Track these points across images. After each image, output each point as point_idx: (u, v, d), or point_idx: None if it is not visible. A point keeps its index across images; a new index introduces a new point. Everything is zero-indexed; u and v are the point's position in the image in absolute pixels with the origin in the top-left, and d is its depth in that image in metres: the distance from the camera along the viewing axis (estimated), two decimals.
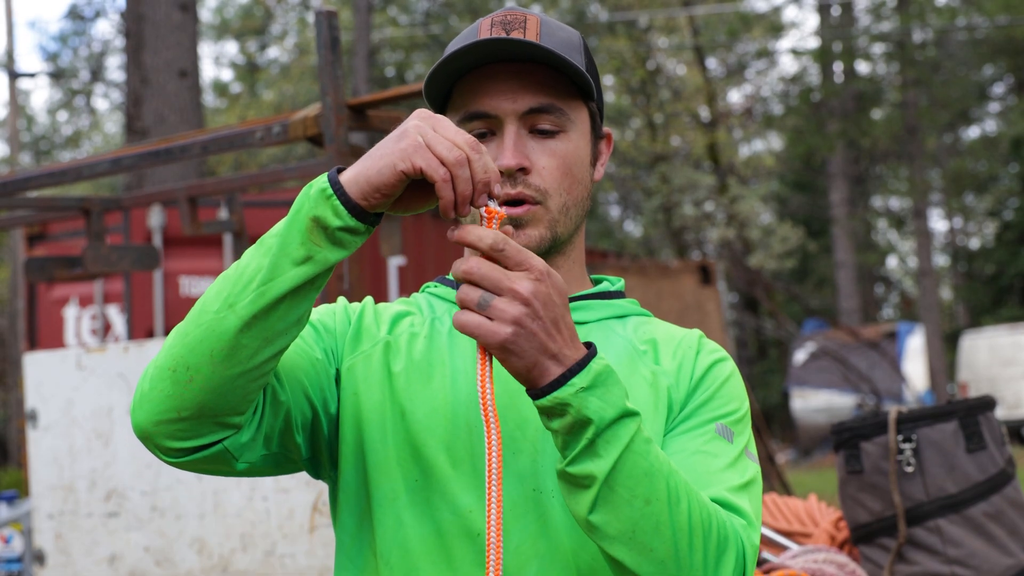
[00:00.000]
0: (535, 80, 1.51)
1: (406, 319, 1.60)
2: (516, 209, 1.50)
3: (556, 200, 1.52)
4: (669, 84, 21.39)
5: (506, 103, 1.50)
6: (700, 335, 1.61)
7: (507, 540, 1.45)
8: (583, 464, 1.33)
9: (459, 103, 1.54)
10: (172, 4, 9.86)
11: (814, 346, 20.27)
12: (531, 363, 1.31)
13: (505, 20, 1.52)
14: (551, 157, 1.52)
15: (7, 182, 4.39)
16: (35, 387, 3.76)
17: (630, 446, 1.33)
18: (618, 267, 9.60)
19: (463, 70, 1.52)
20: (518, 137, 1.51)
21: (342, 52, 4.79)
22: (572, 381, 1.31)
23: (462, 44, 1.50)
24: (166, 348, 1.38)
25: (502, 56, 1.50)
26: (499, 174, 1.35)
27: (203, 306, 1.37)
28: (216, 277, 1.41)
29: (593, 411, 1.31)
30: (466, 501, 1.47)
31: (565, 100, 1.53)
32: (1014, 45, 24.34)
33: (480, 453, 1.48)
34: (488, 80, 1.51)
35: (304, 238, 1.35)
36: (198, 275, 7.87)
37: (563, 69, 1.50)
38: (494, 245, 1.31)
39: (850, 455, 3.07)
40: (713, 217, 19.65)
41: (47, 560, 3.72)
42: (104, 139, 31.76)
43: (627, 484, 1.33)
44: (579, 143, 1.55)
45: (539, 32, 1.51)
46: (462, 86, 1.53)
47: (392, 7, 22.89)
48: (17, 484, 12.99)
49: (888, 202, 33.52)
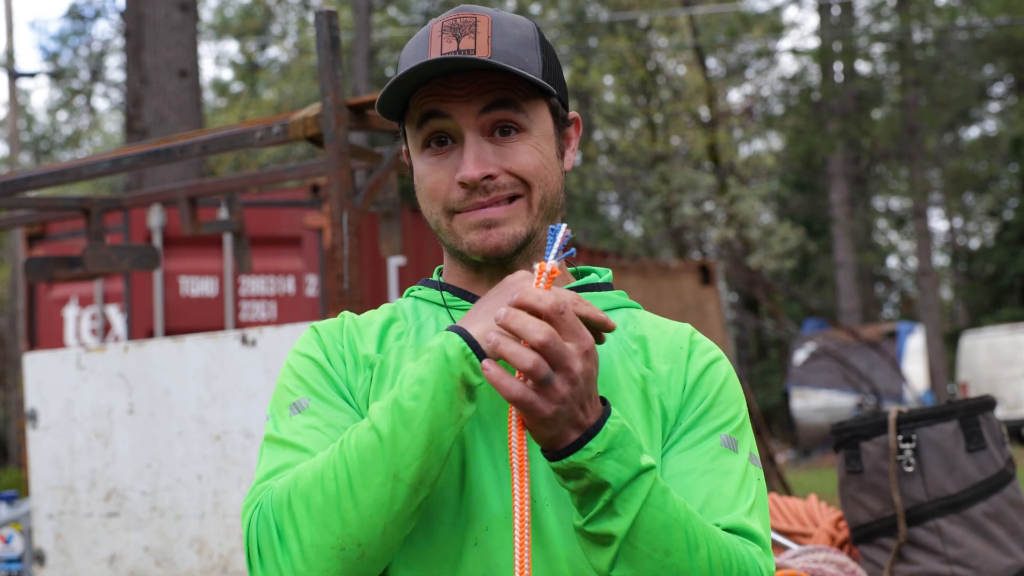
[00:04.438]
0: (489, 82, 1.49)
1: (392, 329, 1.58)
2: (494, 210, 1.49)
3: (538, 191, 1.51)
4: (669, 84, 21.40)
5: (464, 108, 1.48)
6: (691, 331, 1.59)
7: (505, 549, 1.44)
8: (601, 524, 1.33)
9: (415, 112, 1.51)
10: (172, 4, 9.86)
11: (814, 346, 20.28)
12: (557, 433, 1.30)
13: (455, 24, 1.49)
14: (516, 155, 1.50)
15: (7, 182, 4.39)
16: (35, 387, 3.76)
17: (648, 501, 1.32)
18: (618, 267, 9.60)
19: (418, 84, 1.50)
20: (478, 146, 1.49)
21: (342, 52, 4.79)
22: (588, 446, 1.30)
23: (413, 63, 1.48)
24: (319, 527, 1.35)
25: (452, 68, 1.48)
26: None
27: (354, 481, 1.35)
28: None
29: (610, 474, 1.31)
30: (450, 514, 1.46)
31: (521, 97, 1.51)
32: (1014, 45, 24.34)
33: (476, 464, 1.47)
34: (442, 87, 1.49)
35: (454, 399, 1.36)
36: (198, 275, 7.87)
37: (514, 76, 1.49)
38: (555, 308, 1.28)
39: (850, 455, 3.07)
40: (713, 217, 19.64)
41: (47, 560, 3.72)
42: (104, 139, 31.76)
43: (646, 539, 1.33)
44: (542, 143, 1.53)
45: (490, 34, 1.49)
46: (417, 96, 1.51)
47: (392, 7, 22.89)
48: (17, 484, 12.99)
49: (888, 202, 33.53)
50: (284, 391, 1.53)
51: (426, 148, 1.52)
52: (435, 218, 1.53)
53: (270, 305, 7.95)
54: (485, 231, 1.49)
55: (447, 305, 1.58)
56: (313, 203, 7.64)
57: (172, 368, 3.56)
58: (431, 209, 1.53)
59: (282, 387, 1.53)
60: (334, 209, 3.41)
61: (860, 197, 29.47)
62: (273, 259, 7.79)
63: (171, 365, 3.56)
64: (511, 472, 1.33)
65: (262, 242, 7.44)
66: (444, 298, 1.59)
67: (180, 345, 3.57)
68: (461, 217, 1.50)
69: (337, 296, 3.39)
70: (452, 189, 1.50)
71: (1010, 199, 29.35)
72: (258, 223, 7.41)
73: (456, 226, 1.51)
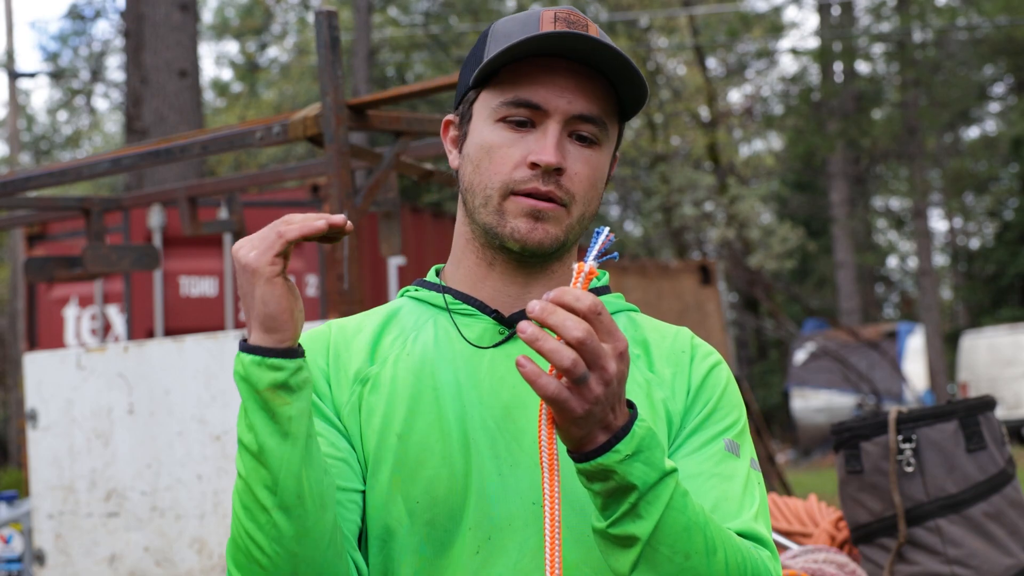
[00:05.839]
0: (591, 87, 1.49)
1: (386, 336, 1.57)
2: (542, 203, 1.48)
3: (578, 208, 1.51)
4: (669, 84, 21.38)
5: (561, 101, 1.48)
6: (691, 336, 1.60)
7: (506, 556, 1.44)
8: (625, 526, 1.32)
9: (508, 86, 1.50)
10: (172, 4, 9.86)
11: (814, 346, 20.28)
12: (586, 433, 1.30)
13: (569, 19, 1.49)
14: (585, 165, 1.50)
15: (7, 182, 4.39)
16: (35, 387, 3.76)
17: (671, 504, 1.32)
18: (618, 267, 9.60)
19: (521, 56, 1.48)
20: (561, 137, 1.48)
21: (342, 52, 4.79)
22: (617, 448, 1.29)
23: (529, 33, 1.47)
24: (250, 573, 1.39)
25: (571, 53, 1.47)
26: None
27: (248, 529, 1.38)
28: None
29: (637, 477, 1.30)
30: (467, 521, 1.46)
31: (609, 115, 1.52)
32: (1014, 45, 24.34)
33: (480, 470, 1.47)
34: (545, 72, 1.48)
35: (274, 410, 1.36)
36: (198, 275, 7.87)
37: (628, 79, 1.48)
38: (593, 308, 1.27)
39: (850, 455, 3.07)
40: (713, 217, 19.64)
41: (47, 560, 3.72)
42: (104, 139, 31.74)
43: (668, 542, 1.33)
44: (606, 159, 1.54)
45: (600, 34, 1.50)
46: (515, 70, 1.49)
47: (392, 7, 22.88)
48: (17, 484, 12.99)
49: (888, 202, 33.53)
50: None
51: (502, 121, 1.50)
52: (488, 192, 1.50)
53: None
54: (534, 222, 1.48)
55: (449, 308, 1.56)
56: (313, 203, 7.64)
57: (172, 368, 3.56)
58: (489, 181, 1.50)
59: None
60: (334, 209, 3.41)
61: (860, 197, 29.47)
62: None
63: (171, 365, 3.56)
64: (541, 471, 1.32)
65: None
66: (447, 300, 1.57)
67: (180, 345, 3.57)
68: (516, 199, 1.49)
69: (337, 296, 3.39)
70: (519, 168, 1.48)
71: (1010, 199, 29.35)
72: (258, 223, 7.37)
73: (508, 206, 1.49)
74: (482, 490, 1.45)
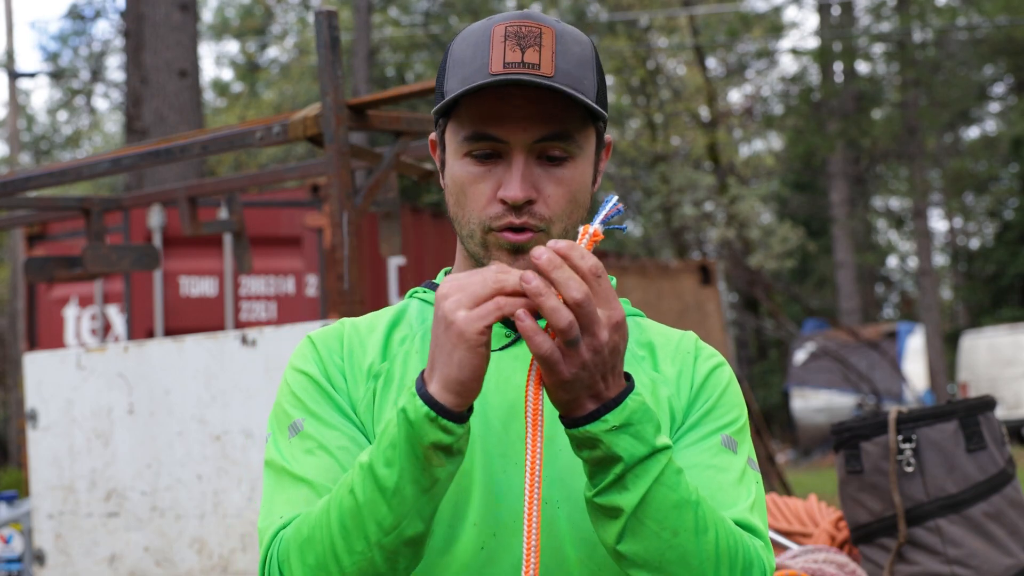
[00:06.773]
0: (551, 103, 1.47)
1: (396, 334, 1.58)
2: (520, 236, 1.48)
3: (558, 227, 1.50)
4: (669, 84, 21.39)
5: (520, 132, 1.47)
6: (696, 338, 1.61)
7: (510, 553, 1.45)
8: (610, 496, 1.33)
9: (467, 120, 1.49)
10: (172, 4, 9.86)
11: (814, 346, 20.28)
12: (573, 398, 1.30)
13: (520, 33, 1.47)
14: (558, 186, 1.49)
15: (7, 182, 4.39)
16: (35, 387, 3.76)
17: (659, 479, 1.33)
18: (618, 267, 9.60)
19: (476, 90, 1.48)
20: (526, 167, 1.48)
21: (342, 52, 4.79)
22: (605, 418, 1.30)
23: (471, 68, 1.46)
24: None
25: (522, 83, 1.46)
26: None
27: (337, 548, 1.36)
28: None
29: (623, 449, 1.31)
30: (473, 515, 1.47)
31: (577, 123, 1.50)
32: (1014, 45, 24.35)
33: (486, 468, 1.47)
34: (503, 103, 1.47)
35: (426, 466, 1.33)
36: (198, 275, 7.88)
37: (583, 91, 1.47)
38: (594, 270, 1.28)
39: (850, 455, 3.07)
40: (713, 217, 19.64)
41: (47, 560, 3.72)
42: (104, 139, 31.74)
43: (655, 516, 1.33)
44: (584, 168, 1.53)
45: (554, 51, 1.46)
46: (473, 102, 1.49)
47: (392, 7, 22.88)
48: (17, 484, 12.99)
49: (888, 202, 33.53)
50: (281, 410, 1.53)
51: (468, 156, 1.50)
52: (470, 227, 1.51)
53: (270, 305, 7.95)
54: (515, 256, 1.49)
55: None
56: (313, 203, 7.65)
57: (172, 368, 3.56)
58: (469, 217, 1.51)
59: (279, 406, 1.54)
60: (334, 209, 3.41)
61: (860, 197, 29.48)
62: (273, 259, 7.80)
63: (171, 365, 3.56)
64: (524, 430, 1.33)
65: (262, 242, 7.44)
66: None
67: (180, 345, 3.57)
68: (495, 235, 1.49)
69: (337, 296, 3.39)
70: (491, 204, 1.49)
71: (1010, 199, 29.36)
72: (258, 223, 7.41)
73: (490, 239, 1.50)
74: (487, 487, 1.46)
